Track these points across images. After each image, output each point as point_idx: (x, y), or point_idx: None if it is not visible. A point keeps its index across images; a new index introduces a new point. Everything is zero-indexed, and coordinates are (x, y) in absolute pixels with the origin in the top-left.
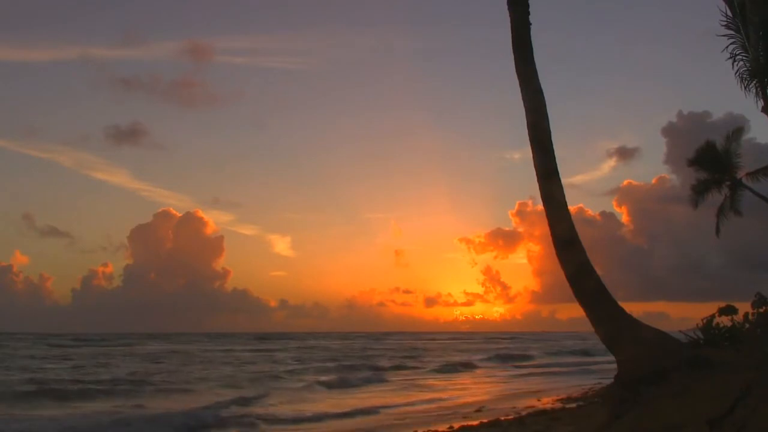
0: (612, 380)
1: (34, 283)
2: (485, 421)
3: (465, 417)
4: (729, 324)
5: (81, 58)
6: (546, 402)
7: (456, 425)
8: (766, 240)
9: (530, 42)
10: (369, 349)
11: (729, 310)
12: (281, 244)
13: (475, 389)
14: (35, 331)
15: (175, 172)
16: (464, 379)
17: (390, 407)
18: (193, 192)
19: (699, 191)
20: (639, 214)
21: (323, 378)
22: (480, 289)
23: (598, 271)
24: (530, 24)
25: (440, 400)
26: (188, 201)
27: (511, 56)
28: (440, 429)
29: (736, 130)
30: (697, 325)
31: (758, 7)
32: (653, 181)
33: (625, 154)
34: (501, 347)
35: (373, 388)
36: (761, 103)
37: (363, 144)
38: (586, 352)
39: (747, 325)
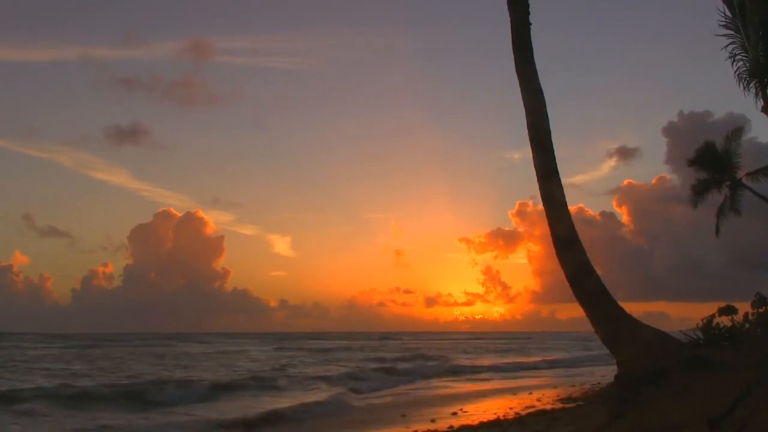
0: (612, 380)
1: (34, 283)
2: (485, 420)
3: None
4: (729, 324)
5: (81, 58)
6: (546, 402)
7: (456, 425)
8: (766, 240)
9: (530, 42)
10: (411, 348)
11: (729, 310)
12: (281, 244)
13: None
14: (34, 331)
15: (175, 172)
16: None
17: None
18: (193, 192)
19: (699, 191)
20: (639, 214)
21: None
22: (480, 289)
23: (598, 271)
24: (530, 24)
25: None
26: (188, 201)
27: (511, 56)
28: (440, 428)
29: (736, 130)
30: (697, 325)
31: (758, 8)
32: (653, 181)
33: (625, 154)
34: (548, 346)
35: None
36: (761, 103)
37: (363, 144)
38: None
39: (747, 325)
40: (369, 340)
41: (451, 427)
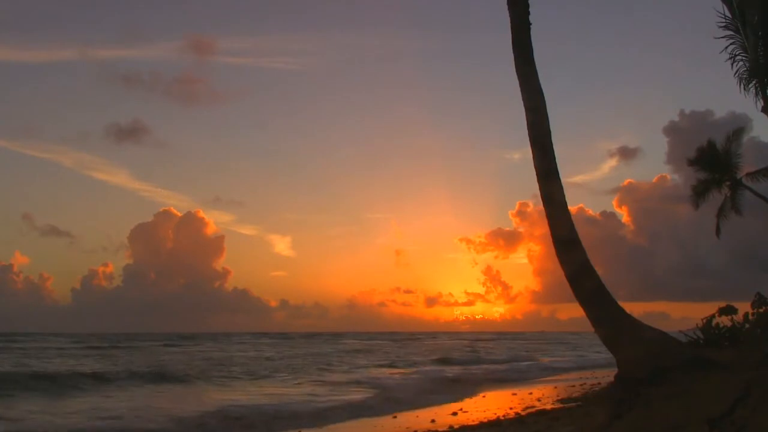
0: (612, 380)
1: (34, 283)
2: (485, 420)
3: None
4: (729, 324)
5: (81, 56)
6: (546, 402)
7: (456, 425)
8: (766, 240)
9: (530, 42)
10: (456, 348)
11: (729, 310)
12: (281, 244)
13: None
14: (34, 331)
15: (176, 171)
16: None
17: None
18: (194, 192)
19: (699, 191)
20: (640, 213)
21: None
22: (481, 289)
23: (599, 271)
24: (530, 24)
25: None
26: (189, 201)
27: (511, 56)
28: (440, 429)
29: (737, 130)
30: (697, 325)
31: (757, 8)
32: (654, 180)
33: (626, 153)
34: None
35: None
36: (761, 103)
37: (363, 144)
38: None
39: (747, 325)
40: (394, 339)
41: (450, 427)
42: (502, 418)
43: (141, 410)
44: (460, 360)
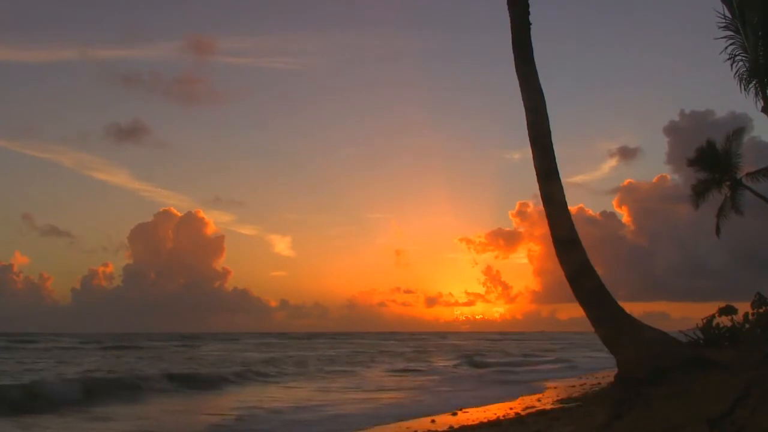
0: (612, 380)
1: (34, 283)
2: (485, 420)
3: None
4: (729, 324)
5: (81, 56)
6: (546, 402)
7: (456, 425)
8: (767, 240)
9: (530, 42)
10: (468, 348)
11: (729, 310)
12: (281, 244)
13: None
14: (34, 331)
15: (176, 171)
16: None
17: None
18: (194, 192)
19: (699, 191)
20: (640, 213)
21: None
22: (481, 289)
23: (599, 271)
24: (530, 24)
25: None
26: (189, 201)
27: (511, 56)
28: (440, 429)
29: (737, 130)
30: (697, 325)
31: (757, 8)
32: (654, 180)
33: (626, 153)
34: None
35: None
36: (761, 103)
37: (363, 144)
38: None
39: (747, 325)
40: (399, 339)
41: (450, 427)
42: (502, 418)
43: (174, 415)
44: (486, 361)
